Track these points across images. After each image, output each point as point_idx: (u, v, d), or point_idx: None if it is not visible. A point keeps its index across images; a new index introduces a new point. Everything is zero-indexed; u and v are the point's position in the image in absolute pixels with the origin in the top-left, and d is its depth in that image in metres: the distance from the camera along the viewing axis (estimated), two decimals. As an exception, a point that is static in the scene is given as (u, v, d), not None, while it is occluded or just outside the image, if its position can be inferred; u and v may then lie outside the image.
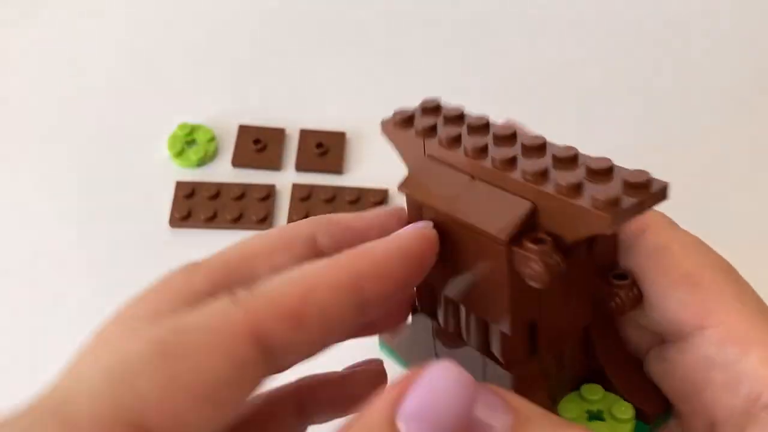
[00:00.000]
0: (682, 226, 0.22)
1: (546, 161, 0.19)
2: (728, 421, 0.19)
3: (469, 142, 0.20)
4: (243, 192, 0.36)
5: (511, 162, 0.19)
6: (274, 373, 0.18)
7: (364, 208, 0.36)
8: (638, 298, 0.20)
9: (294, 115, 0.39)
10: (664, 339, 0.21)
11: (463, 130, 0.21)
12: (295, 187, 0.36)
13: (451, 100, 0.41)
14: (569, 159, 0.19)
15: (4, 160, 0.37)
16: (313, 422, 0.22)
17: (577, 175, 0.18)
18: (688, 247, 0.20)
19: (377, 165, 0.38)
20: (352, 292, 0.18)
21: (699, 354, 0.19)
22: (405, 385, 0.15)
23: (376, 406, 0.16)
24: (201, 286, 0.18)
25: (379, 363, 0.23)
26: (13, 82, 0.40)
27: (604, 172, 0.18)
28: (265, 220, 0.36)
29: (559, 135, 0.41)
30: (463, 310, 0.21)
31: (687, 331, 0.20)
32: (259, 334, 0.17)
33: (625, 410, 0.21)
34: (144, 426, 0.16)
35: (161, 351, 0.16)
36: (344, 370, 0.23)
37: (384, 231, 0.20)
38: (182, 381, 0.16)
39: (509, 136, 0.21)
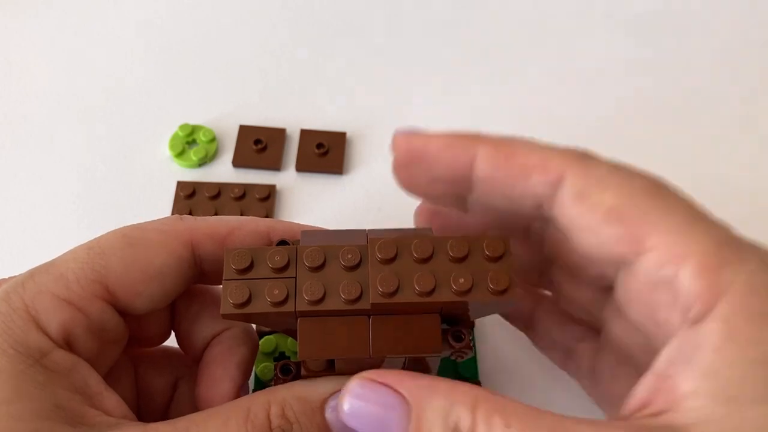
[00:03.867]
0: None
1: (419, 271, 0.22)
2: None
3: (344, 285, 0.22)
4: (244, 192, 0.36)
5: (396, 291, 0.21)
6: (200, 279, 0.25)
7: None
8: (469, 352, 0.24)
9: (294, 115, 0.39)
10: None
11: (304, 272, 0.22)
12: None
13: (450, 100, 0.42)
14: (428, 258, 0.22)
15: (4, 162, 0.37)
16: None
17: (456, 271, 0.22)
18: (605, 182, 0.21)
19: (378, 165, 0.38)
20: (264, 238, 0.25)
21: (643, 279, 0.20)
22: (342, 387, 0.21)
23: (320, 386, 0.22)
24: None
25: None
26: (13, 82, 0.40)
27: (463, 257, 0.22)
28: (265, 220, 0.36)
29: (561, 136, 0.41)
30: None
31: (629, 260, 0.20)
32: (193, 243, 0.24)
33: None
34: (109, 288, 0.22)
35: (127, 241, 0.23)
36: None
37: None
38: (138, 262, 0.22)
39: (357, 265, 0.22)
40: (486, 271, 0.21)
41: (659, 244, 0.19)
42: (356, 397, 0.20)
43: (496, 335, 0.32)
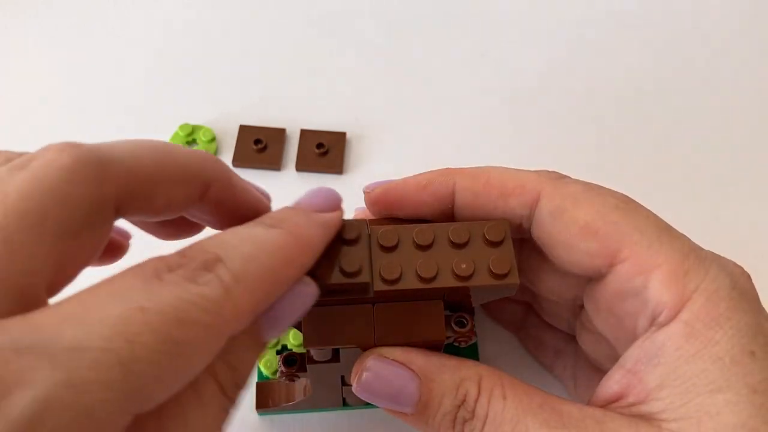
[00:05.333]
0: (682, 229, 0.23)
1: (421, 258, 0.22)
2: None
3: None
4: None
5: (399, 278, 0.22)
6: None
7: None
8: (472, 337, 0.24)
9: (294, 115, 0.39)
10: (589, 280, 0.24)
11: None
12: (296, 187, 0.36)
13: (451, 100, 0.42)
14: (429, 245, 0.22)
15: (5, 161, 0.38)
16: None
17: (457, 257, 0.22)
18: (578, 200, 0.22)
19: (378, 165, 0.38)
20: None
21: (613, 289, 0.22)
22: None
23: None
24: None
25: None
26: (13, 82, 0.40)
27: (464, 242, 0.22)
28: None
29: (558, 138, 0.41)
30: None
31: (602, 272, 0.22)
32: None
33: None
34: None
35: None
36: None
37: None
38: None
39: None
40: (487, 255, 0.22)
41: (630, 257, 0.21)
42: (370, 372, 0.21)
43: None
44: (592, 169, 0.38)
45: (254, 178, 0.37)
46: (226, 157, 0.38)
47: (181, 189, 0.20)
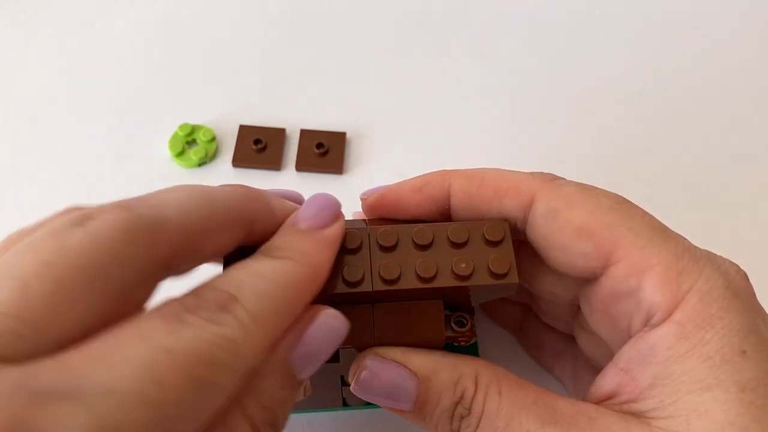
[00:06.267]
0: (681, 231, 0.23)
1: (420, 258, 0.22)
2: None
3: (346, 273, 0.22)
4: None
5: (398, 278, 0.22)
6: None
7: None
8: (472, 337, 0.24)
9: (294, 115, 0.39)
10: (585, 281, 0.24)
11: None
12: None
13: (451, 100, 0.42)
14: (429, 244, 0.22)
15: (3, 162, 0.37)
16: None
17: (456, 256, 0.22)
18: (573, 201, 0.22)
19: (378, 165, 0.38)
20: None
21: (608, 290, 0.22)
22: (299, 332, 0.20)
23: (278, 351, 0.19)
24: None
25: None
26: (13, 82, 0.40)
27: (464, 242, 0.22)
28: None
29: (558, 138, 0.41)
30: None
31: (597, 274, 0.22)
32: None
33: None
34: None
35: None
36: None
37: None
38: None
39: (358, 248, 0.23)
40: (487, 255, 0.22)
41: (623, 258, 0.21)
42: (368, 371, 0.22)
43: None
44: (592, 169, 0.38)
45: (254, 178, 0.38)
46: (226, 157, 0.38)
47: (228, 235, 0.20)
